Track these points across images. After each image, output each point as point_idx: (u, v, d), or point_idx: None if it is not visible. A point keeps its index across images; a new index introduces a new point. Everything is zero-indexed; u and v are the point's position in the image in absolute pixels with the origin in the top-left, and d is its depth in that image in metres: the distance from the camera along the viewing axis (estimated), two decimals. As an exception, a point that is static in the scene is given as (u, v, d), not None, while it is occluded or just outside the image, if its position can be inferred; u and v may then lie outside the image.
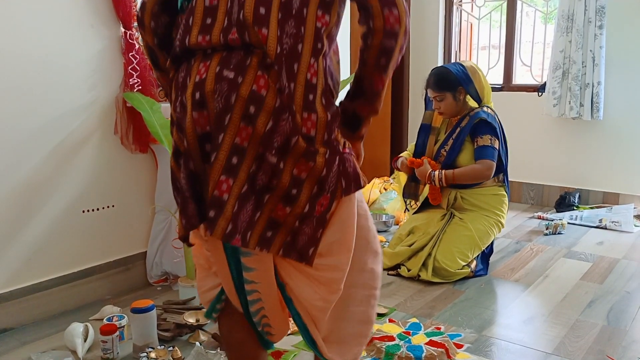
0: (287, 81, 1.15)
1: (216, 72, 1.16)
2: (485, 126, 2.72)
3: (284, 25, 1.15)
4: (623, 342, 2.07)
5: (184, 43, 1.22)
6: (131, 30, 2.49)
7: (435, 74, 2.80)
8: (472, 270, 2.71)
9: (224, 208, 1.16)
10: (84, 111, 2.41)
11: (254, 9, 1.15)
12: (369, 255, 1.39)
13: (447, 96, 2.75)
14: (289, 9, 1.16)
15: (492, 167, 2.70)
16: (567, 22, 3.74)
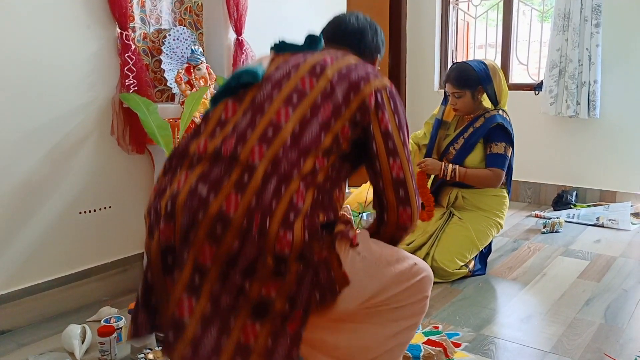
0: (271, 199, 1.13)
1: (191, 186, 1.16)
2: (502, 133, 2.69)
3: (288, 152, 1.18)
4: (621, 340, 2.08)
5: (184, 146, 1.26)
6: (127, 31, 2.48)
7: (457, 70, 2.74)
8: (470, 270, 2.71)
9: (184, 330, 1.10)
10: (80, 112, 2.41)
11: (263, 130, 1.20)
12: (392, 326, 1.35)
13: (467, 94, 2.72)
14: (298, 140, 1.20)
15: (501, 177, 2.69)
16: (563, 20, 3.74)
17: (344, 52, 1.43)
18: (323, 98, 1.25)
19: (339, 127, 1.24)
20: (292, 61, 1.35)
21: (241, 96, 1.30)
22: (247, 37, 2.97)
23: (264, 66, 1.36)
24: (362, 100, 1.26)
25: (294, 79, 1.28)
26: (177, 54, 2.80)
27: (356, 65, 1.34)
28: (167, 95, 2.88)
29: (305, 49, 1.42)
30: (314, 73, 1.29)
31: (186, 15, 2.94)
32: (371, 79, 1.30)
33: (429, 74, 4.54)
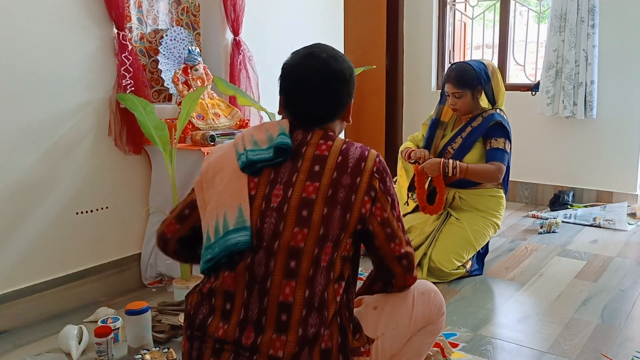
0: None
1: None
2: (501, 130, 2.70)
3: (307, 327, 1.22)
4: (617, 340, 2.08)
5: (200, 321, 1.28)
6: (124, 32, 2.48)
7: (457, 70, 2.73)
8: (468, 271, 2.71)
9: None
10: (77, 113, 2.40)
11: (276, 315, 1.21)
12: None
13: (467, 94, 2.72)
14: (311, 306, 1.22)
15: (503, 171, 2.69)
16: (560, 21, 3.75)
17: (313, 144, 1.31)
18: (320, 249, 1.23)
19: (343, 248, 1.26)
20: (277, 205, 1.25)
21: (236, 264, 1.25)
22: (244, 38, 2.97)
23: (245, 213, 1.26)
24: (359, 214, 1.26)
25: (287, 238, 1.22)
26: (174, 54, 2.80)
27: (338, 169, 1.27)
28: (164, 96, 2.88)
29: (279, 162, 1.30)
30: (304, 222, 1.23)
31: (183, 15, 2.94)
32: (360, 183, 1.26)
33: (426, 75, 4.54)
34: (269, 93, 3.17)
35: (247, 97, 2.76)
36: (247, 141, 1.34)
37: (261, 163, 1.29)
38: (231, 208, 1.27)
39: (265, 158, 1.29)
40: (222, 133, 2.61)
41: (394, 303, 1.43)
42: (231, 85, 2.75)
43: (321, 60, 1.35)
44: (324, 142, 1.31)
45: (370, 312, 1.42)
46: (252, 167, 1.30)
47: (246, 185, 1.29)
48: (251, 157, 1.30)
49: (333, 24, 3.75)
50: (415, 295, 1.45)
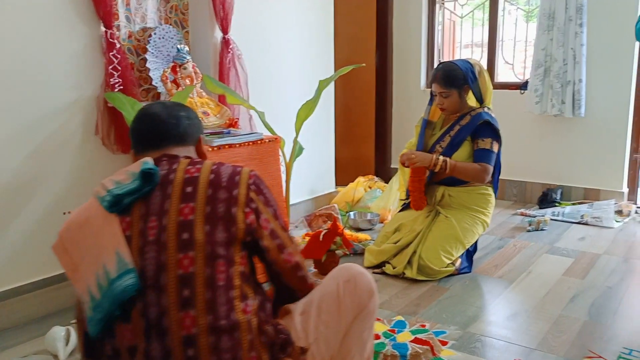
0: None
1: None
2: (489, 129, 2.72)
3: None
4: (605, 337, 2.10)
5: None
6: (112, 30, 2.46)
7: (444, 70, 2.75)
8: (457, 268, 2.72)
9: None
10: (64, 112, 2.38)
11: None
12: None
13: (454, 93, 2.73)
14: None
15: (489, 172, 2.72)
16: (548, 20, 3.77)
17: (176, 164, 1.30)
18: (212, 269, 1.17)
19: (238, 263, 1.21)
20: (154, 237, 1.19)
21: (129, 314, 1.18)
22: (233, 36, 2.96)
23: (125, 256, 1.18)
24: (245, 225, 1.23)
25: (173, 267, 1.16)
26: (162, 52, 2.78)
27: (212, 186, 1.24)
28: (153, 94, 2.86)
29: (148, 191, 1.24)
30: (187, 245, 1.17)
31: (172, 13, 2.92)
32: (238, 195, 1.24)
33: (415, 73, 4.55)
34: (258, 91, 3.17)
35: (236, 96, 2.75)
36: (108, 184, 1.27)
37: (129, 196, 1.22)
38: (109, 256, 1.18)
39: (132, 189, 1.22)
40: (212, 132, 2.60)
41: (320, 303, 1.38)
42: (220, 84, 2.74)
43: (170, 103, 1.47)
44: (193, 166, 1.28)
45: (297, 319, 1.37)
46: (120, 203, 1.22)
47: (119, 228, 1.21)
48: (116, 192, 1.22)
49: (323, 22, 3.75)
50: (340, 287, 1.41)
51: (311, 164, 3.71)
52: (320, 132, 3.81)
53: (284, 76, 3.45)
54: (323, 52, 3.77)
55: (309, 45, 3.64)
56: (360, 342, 1.44)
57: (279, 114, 3.19)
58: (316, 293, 1.41)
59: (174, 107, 1.44)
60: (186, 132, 1.40)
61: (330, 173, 4.02)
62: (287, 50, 3.46)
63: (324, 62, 3.77)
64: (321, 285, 1.43)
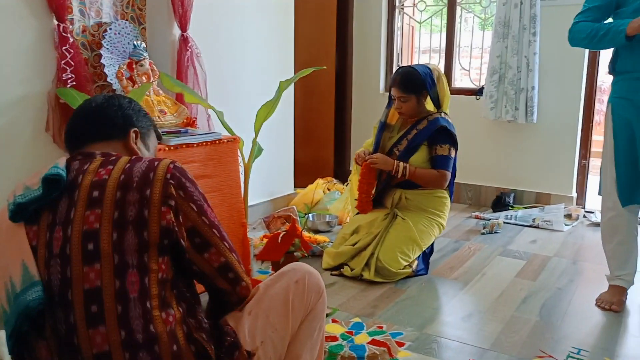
0: None
1: None
2: (446, 135, 2.76)
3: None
4: (555, 336, 2.16)
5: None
6: (65, 23, 2.38)
7: (403, 75, 2.78)
8: (414, 270, 2.75)
9: None
10: (13, 107, 2.28)
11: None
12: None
13: (412, 98, 2.76)
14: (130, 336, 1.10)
15: (447, 179, 2.77)
16: (503, 28, 3.87)
17: (90, 161, 1.19)
18: (121, 280, 1.08)
19: (155, 271, 1.11)
20: (59, 250, 1.10)
21: (43, 329, 1.10)
22: (192, 34, 2.91)
23: (31, 268, 1.10)
24: (159, 227, 1.12)
25: (79, 281, 1.08)
26: (118, 48, 2.71)
27: (121, 189, 1.12)
28: (107, 91, 2.78)
29: (54, 199, 1.15)
30: (92, 257, 1.09)
31: (128, 9, 2.84)
32: (151, 195, 1.12)
33: (374, 77, 4.59)
34: (216, 91, 3.12)
35: (195, 95, 2.70)
36: (17, 189, 1.17)
37: (32, 204, 1.13)
38: (15, 268, 1.10)
39: (35, 197, 1.13)
40: (169, 131, 2.54)
41: (268, 304, 1.32)
42: (178, 82, 2.69)
43: (102, 95, 1.36)
44: (104, 168, 1.16)
45: (246, 319, 1.29)
46: (24, 212, 1.13)
47: (25, 238, 1.12)
48: (19, 200, 1.13)
49: (283, 23, 3.74)
50: (290, 288, 1.35)
51: (270, 165, 3.68)
52: (279, 133, 3.79)
53: (243, 76, 3.42)
54: (283, 54, 3.76)
55: (269, 46, 3.62)
56: (310, 344, 1.40)
57: (238, 114, 3.16)
58: (265, 293, 1.34)
59: (100, 99, 1.33)
60: (106, 125, 1.28)
61: (289, 175, 4.01)
62: (246, 51, 3.43)
63: (283, 64, 3.76)
64: (270, 284, 1.36)
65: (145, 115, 1.40)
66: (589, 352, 2.04)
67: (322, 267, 2.85)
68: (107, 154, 1.23)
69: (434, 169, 2.76)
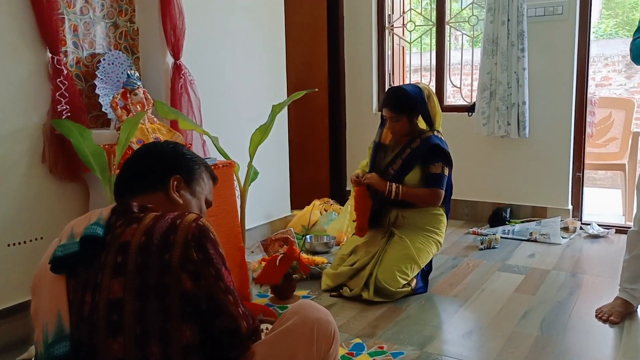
0: None
1: None
2: (439, 153, 2.77)
3: None
4: (556, 350, 2.16)
5: None
6: (58, 56, 2.41)
7: (394, 95, 2.81)
8: (413, 289, 2.75)
9: None
10: (9, 139, 2.30)
11: None
12: None
13: (403, 118, 2.78)
14: None
15: (441, 197, 2.78)
16: (492, 45, 3.93)
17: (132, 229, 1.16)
18: (143, 351, 1.07)
19: (178, 339, 1.09)
20: (88, 315, 1.10)
21: None
22: (185, 61, 2.94)
23: (64, 320, 1.12)
24: (180, 296, 1.09)
25: (103, 353, 1.08)
26: (112, 78, 2.74)
27: (141, 253, 1.10)
28: (103, 121, 2.80)
29: (89, 256, 1.15)
30: (116, 328, 1.08)
31: (121, 39, 2.88)
32: (171, 260, 1.09)
33: (367, 97, 4.64)
34: (211, 116, 3.15)
35: (189, 121, 2.72)
36: (65, 235, 1.19)
37: (69, 259, 1.14)
38: (51, 316, 1.12)
39: (71, 252, 1.14)
40: (164, 158, 2.55)
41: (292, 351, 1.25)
42: (172, 109, 2.71)
43: (150, 143, 1.37)
44: (129, 227, 1.14)
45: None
46: (61, 265, 1.14)
47: (64, 288, 1.13)
48: (57, 253, 1.14)
49: (275, 47, 3.78)
50: (298, 346, 1.27)
51: (266, 188, 3.70)
52: (274, 156, 3.82)
53: (237, 101, 3.45)
54: (275, 77, 3.80)
55: (262, 70, 3.66)
56: None
57: (233, 138, 3.18)
58: (284, 340, 1.28)
59: (144, 148, 1.33)
60: (145, 177, 1.26)
61: (285, 197, 4.02)
62: (239, 76, 3.47)
63: (276, 87, 3.80)
64: (274, 343, 1.27)
65: (192, 158, 1.35)
66: (590, 365, 2.04)
67: (321, 288, 2.85)
68: (142, 207, 1.21)
69: (427, 187, 2.78)
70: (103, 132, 2.68)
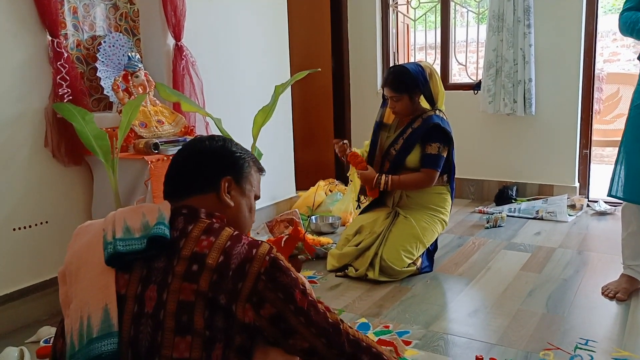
0: None
1: None
2: (438, 133, 2.74)
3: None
4: (562, 328, 2.16)
5: None
6: (59, 39, 2.39)
7: (395, 74, 2.77)
8: (418, 268, 2.75)
9: None
10: (11, 124, 2.29)
11: None
12: None
13: (405, 97, 2.75)
14: None
15: (434, 177, 2.75)
16: (498, 21, 3.87)
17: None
18: (207, 353, 1.08)
19: (235, 343, 1.10)
20: (152, 311, 1.10)
21: None
22: (186, 43, 2.92)
23: (112, 316, 1.09)
24: (241, 323, 1.11)
25: (169, 350, 1.08)
26: (113, 61, 2.72)
27: (218, 271, 1.11)
28: (105, 104, 2.79)
29: (153, 255, 1.14)
30: (185, 328, 1.09)
31: (122, 21, 2.86)
32: (242, 289, 1.10)
33: (371, 77, 4.59)
34: (214, 98, 3.13)
35: (192, 103, 2.71)
36: (117, 227, 1.17)
37: (131, 256, 1.13)
38: (96, 310, 1.09)
39: (136, 250, 1.12)
40: (166, 140, 2.55)
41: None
42: (174, 91, 2.70)
43: (197, 140, 1.34)
44: (206, 238, 1.15)
45: None
46: (120, 260, 1.12)
47: (114, 282, 1.11)
48: (120, 248, 1.12)
49: (277, 27, 3.74)
50: None
51: (271, 169, 3.67)
52: (278, 137, 3.80)
53: (240, 82, 3.43)
54: (278, 57, 3.77)
55: (264, 50, 3.62)
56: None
57: (236, 120, 3.16)
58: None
59: (191, 148, 1.30)
60: (198, 180, 1.26)
61: (290, 178, 4.01)
62: (242, 56, 3.43)
63: (279, 67, 3.77)
64: None
65: (241, 156, 1.34)
66: (596, 343, 2.03)
67: (327, 268, 2.85)
68: (210, 215, 1.22)
69: (422, 167, 2.75)
70: (105, 115, 2.67)
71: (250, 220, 1.36)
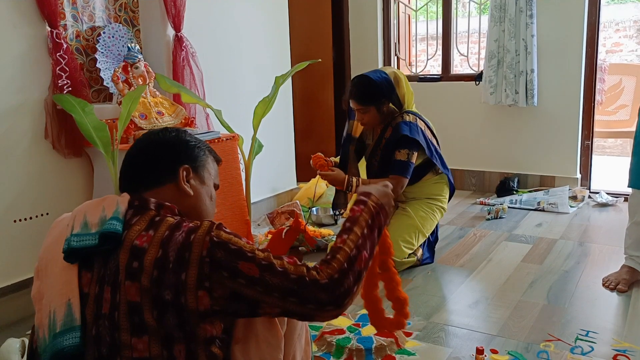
0: None
1: None
2: (405, 140, 2.63)
3: None
4: (563, 320, 2.16)
5: None
6: (58, 29, 2.38)
7: (359, 86, 2.62)
8: (419, 259, 2.75)
9: None
10: (10, 116, 2.29)
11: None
12: None
13: (372, 109, 2.64)
14: None
15: (403, 184, 2.64)
16: (499, 12, 3.84)
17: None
18: (169, 350, 1.07)
19: (203, 335, 1.08)
20: (108, 312, 1.09)
21: None
22: (186, 34, 2.90)
23: (74, 310, 1.09)
24: (197, 312, 1.07)
25: (128, 350, 1.07)
26: (113, 52, 2.71)
27: (158, 267, 1.07)
28: (105, 95, 2.78)
29: (107, 250, 1.12)
30: (140, 329, 1.07)
31: (121, 12, 2.84)
32: (187, 279, 1.06)
33: (372, 67, 4.51)
34: (214, 89, 3.12)
35: (192, 94, 2.70)
36: (77, 222, 1.15)
37: (84, 251, 1.11)
38: (60, 305, 1.09)
39: (89, 245, 1.11)
40: (167, 132, 2.54)
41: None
42: (174, 83, 2.69)
43: (150, 132, 1.31)
44: (146, 233, 1.11)
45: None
46: (75, 256, 1.11)
47: (76, 277, 1.11)
48: (73, 244, 1.11)
49: (278, 17, 3.72)
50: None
51: (271, 161, 3.68)
52: (279, 128, 3.79)
53: (240, 73, 3.41)
54: (279, 49, 3.75)
55: (265, 41, 3.61)
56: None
57: (237, 111, 3.16)
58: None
59: (145, 140, 1.27)
60: (154, 171, 1.23)
61: (291, 169, 4.01)
62: (242, 47, 3.42)
63: (280, 58, 3.75)
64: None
65: (196, 145, 1.31)
66: (597, 334, 2.03)
67: (328, 260, 2.85)
68: (158, 205, 1.19)
69: (390, 173, 2.63)
70: (105, 106, 2.66)
71: (212, 209, 1.33)
